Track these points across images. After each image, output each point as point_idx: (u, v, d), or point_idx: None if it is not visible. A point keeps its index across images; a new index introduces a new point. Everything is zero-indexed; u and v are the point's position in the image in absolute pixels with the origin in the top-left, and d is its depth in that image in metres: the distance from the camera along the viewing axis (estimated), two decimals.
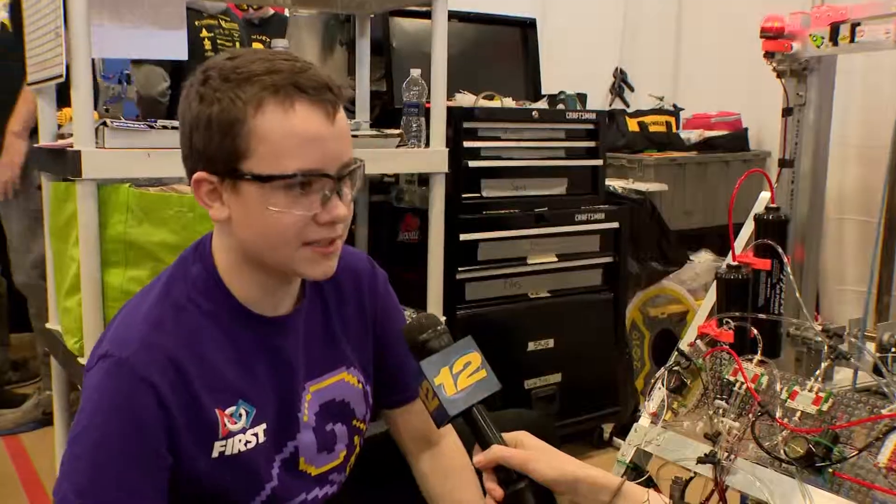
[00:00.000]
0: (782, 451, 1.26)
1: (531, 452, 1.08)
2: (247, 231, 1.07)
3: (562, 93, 3.53)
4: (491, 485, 1.08)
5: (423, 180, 2.54)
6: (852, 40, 1.55)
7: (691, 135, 3.65)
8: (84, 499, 1.01)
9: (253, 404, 1.12)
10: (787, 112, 1.73)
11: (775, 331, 1.56)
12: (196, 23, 3.35)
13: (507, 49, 3.32)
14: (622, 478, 1.08)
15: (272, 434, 1.15)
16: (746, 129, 3.72)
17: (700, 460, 1.37)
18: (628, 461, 1.51)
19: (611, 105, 4.24)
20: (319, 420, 1.22)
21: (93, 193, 1.82)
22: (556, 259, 2.74)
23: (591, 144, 2.84)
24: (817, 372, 1.39)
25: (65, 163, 1.84)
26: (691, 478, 1.44)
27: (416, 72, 2.36)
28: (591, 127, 2.83)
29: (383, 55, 2.88)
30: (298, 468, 1.19)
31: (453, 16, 2.49)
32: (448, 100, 2.40)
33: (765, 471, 1.30)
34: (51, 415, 2.98)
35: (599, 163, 2.85)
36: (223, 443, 1.09)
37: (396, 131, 2.29)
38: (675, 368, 1.49)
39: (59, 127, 2.27)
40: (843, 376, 1.63)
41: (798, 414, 1.32)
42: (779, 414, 1.32)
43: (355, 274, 1.29)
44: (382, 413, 1.39)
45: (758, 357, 1.43)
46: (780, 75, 1.72)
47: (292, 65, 1.04)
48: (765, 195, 1.71)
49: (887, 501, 1.16)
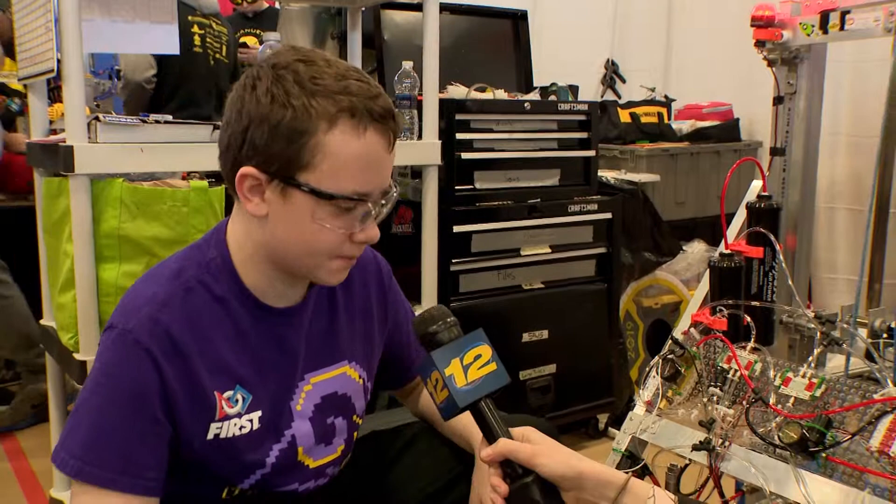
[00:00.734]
0: (776, 437, 1.28)
1: (538, 447, 1.08)
2: (282, 233, 1.09)
3: (553, 84, 3.54)
4: (496, 480, 1.08)
5: (416, 173, 2.54)
6: (842, 28, 1.56)
7: (683, 125, 3.66)
8: (82, 461, 1.04)
9: (250, 391, 1.14)
10: (777, 101, 1.74)
11: (768, 318, 1.57)
12: (189, 17, 3.35)
13: (498, 41, 3.32)
14: (628, 473, 1.08)
15: (267, 423, 1.16)
16: (738, 120, 3.73)
17: (695, 447, 1.38)
18: (623, 449, 1.52)
19: (602, 97, 4.25)
20: (319, 412, 1.22)
21: (86, 188, 1.82)
22: (549, 250, 2.75)
23: (584, 135, 2.84)
24: (810, 358, 1.40)
25: (57, 158, 1.84)
26: (686, 465, 1.46)
27: (407, 64, 2.36)
28: (583, 118, 2.84)
29: (375, 48, 2.88)
30: (297, 458, 1.20)
31: (444, 8, 2.49)
32: (440, 92, 2.41)
33: (759, 457, 1.31)
34: (39, 407, 3.00)
35: (592, 154, 2.86)
36: (219, 425, 1.11)
37: None
38: (670, 357, 1.50)
39: (51, 123, 2.27)
40: (835, 363, 1.64)
41: (791, 400, 1.33)
42: (772, 400, 1.34)
43: (362, 268, 1.31)
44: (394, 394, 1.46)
45: (751, 344, 1.44)
46: (770, 64, 1.72)
47: (367, 88, 1.06)
48: (756, 184, 1.72)
49: (879, 484, 1.17)
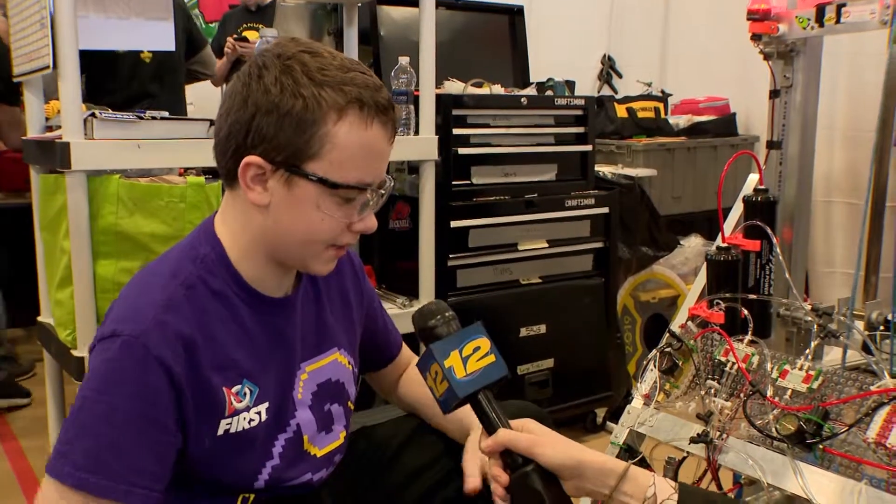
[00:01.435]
0: (774, 429, 1.28)
1: (538, 437, 1.08)
2: (284, 222, 1.10)
3: (550, 80, 3.54)
4: (496, 470, 1.09)
5: (413, 168, 2.54)
6: (838, 21, 1.56)
7: (680, 120, 3.66)
8: (87, 473, 1.00)
9: (256, 384, 1.14)
10: (774, 94, 1.74)
11: (765, 311, 1.57)
12: None
13: (494, 36, 3.32)
14: (628, 462, 1.09)
15: (273, 413, 1.16)
16: (734, 114, 3.74)
17: (693, 440, 1.38)
18: (621, 443, 1.53)
19: (599, 92, 4.26)
20: (317, 400, 1.23)
21: (82, 185, 1.82)
22: (546, 245, 2.75)
23: (580, 130, 2.84)
24: (807, 351, 1.40)
25: (54, 154, 1.84)
26: (684, 458, 1.46)
27: (404, 59, 2.36)
28: (579, 113, 2.84)
29: (371, 44, 2.88)
30: (303, 447, 1.21)
31: (441, 3, 2.48)
32: (437, 88, 2.41)
33: (757, 449, 1.31)
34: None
35: (589, 148, 2.86)
36: (229, 421, 1.11)
37: None
38: (667, 350, 1.50)
39: (47, 120, 2.27)
40: (832, 356, 1.65)
41: (789, 392, 1.33)
42: (770, 393, 1.34)
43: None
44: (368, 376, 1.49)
45: (748, 337, 1.44)
46: (766, 57, 1.73)
47: (373, 81, 1.09)
48: (753, 177, 1.73)
49: (876, 475, 1.17)
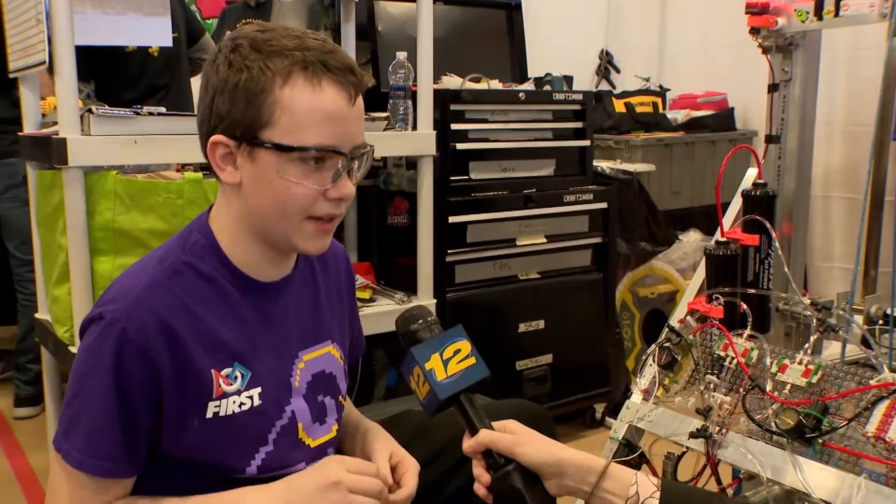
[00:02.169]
0: (773, 424, 1.28)
1: (518, 437, 1.10)
2: (256, 197, 1.10)
3: (548, 75, 3.53)
4: (479, 470, 1.10)
5: (411, 163, 2.53)
6: (837, 14, 1.56)
7: (678, 115, 3.65)
8: (60, 449, 1.07)
9: (248, 367, 1.14)
10: (772, 88, 1.74)
11: (764, 305, 1.57)
12: None
13: (492, 31, 3.31)
14: (608, 459, 1.09)
15: (268, 399, 1.16)
16: (733, 109, 3.73)
17: (692, 435, 1.38)
18: (621, 438, 1.52)
19: (597, 87, 4.24)
20: (311, 390, 1.23)
21: (79, 181, 1.81)
22: (544, 240, 2.74)
23: (579, 125, 2.84)
24: (806, 345, 1.40)
25: (50, 151, 1.83)
26: (683, 452, 1.46)
27: (401, 55, 2.35)
28: (577, 108, 2.83)
29: (369, 39, 2.87)
30: (297, 435, 1.21)
31: None
32: (434, 83, 2.40)
33: (756, 443, 1.31)
34: None
35: (587, 143, 2.85)
36: (217, 403, 1.11)
37: (383, 115, 2.29)
38: (666, 345, 1.50)
39: (43, 116, 2.26)
40: (831, 350, 1.65)
41: (788, 387, 1.33)
42: (769, 387, 1.34)
43: (334, 255, 1.35)
44: None
45: (747, 332, 1.44)
46: (765, 51, 1.72)
47: (322, 44, 1.09)
48: (752, 171, 1.72)
49: (876, 469, 1.17)
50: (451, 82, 2.70)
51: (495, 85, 2.77)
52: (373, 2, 2.88)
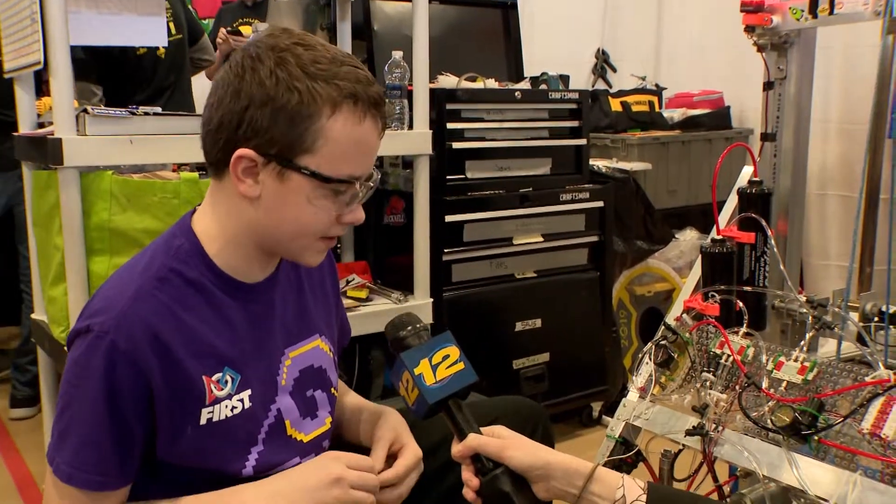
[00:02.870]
0: (769, 421, 1.28)
1: (506, 441, 1.10)
2: (274, 215, 1.10)
3: (544, 74, 3.54)
4: (467, 475, 1.11)
5: (408, 163, 2.53)
6: (831, 12, 1.56)
7: (674, 114, 3.67)
8: (70, 468, 1.06)
9: (238, 371, 1.14)
10: (768, 86, 1.74)
11: (760, 303, 1.57)
12: None
13: (488, 31, 3.31)
14: (597, 462, 1.09)
15: (257, 399, 1.16)
16: (728, 108, 3.74)
17: (688, 433, 1.38)
18: (617, 436, 1.53)
19: (593, 86, 4.25)
20: (299, 386, 1.23)
21: (75, 181, 1.81)
22: (541, 239, 2.74)
23: (575, 124, 2.84)
24: (802, 342, 1.40)
25: (46, 151, 1.83)
26: (680, 450, 1.46)
27: (397, 54, 2.35)
28: (573, 107, 2.84)
29: (364, 39, 2.87)
30: (286, 433, 1.21)
31: None
32: (430, 82, 2.40)
33: (752, 441, 1.31)
34: None
35: (583, 142, 2.85)
36: (210, 409, 1.11)
37: None
38: (662, 342, 1.50)
39: (39, 116, 2.25)
40: (827, 347, 1.65)
41: (784, 384, 1.33)
42: (765, 384, 1.34)
43: None
44: None
45: (743, 329, 1.45)
46: (760, 49, 1.72)
47: (365, 75, 1.09)
48: (748, 169, 1.72)
49: (871, 466, 1.17)
50: (448, 81, 2.70)
51: (491, 84, 2.77)
52: (368, 1, 2.88)
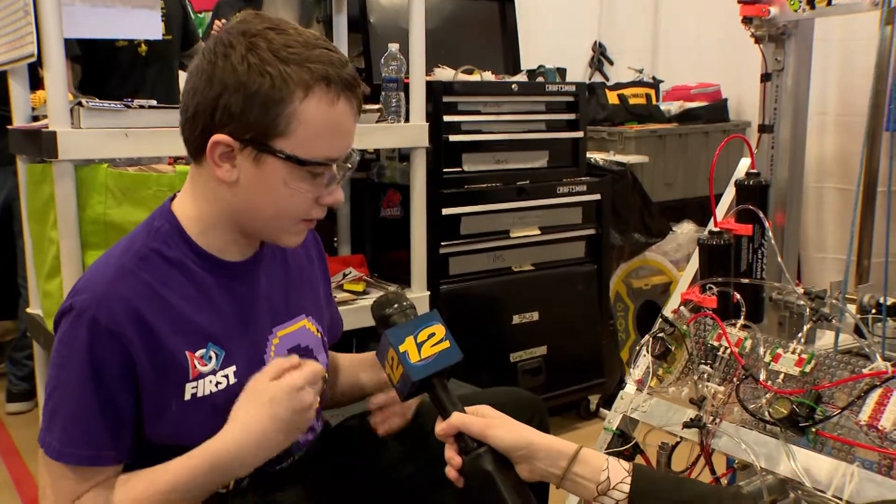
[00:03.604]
0: (766, 413, 1.28)
1: (490, 420, 1.10)
2: (253, 199, 1.11)
3: (541, 67, 3.53)
4: (450, 453, 1.10)
5: (404, 156, 2.53)
6: (829, 3, 1.55)
7: (671, 106, 3.66)
8: (61, 445, 1.07)
9: (222, 347, 1.15)
10: (765, 78, 1.73)
11: (758, 295, 1.57)
12: None
13: (485, 23, 3.30)
14: (580, 444, 1.09)
15: (243, 376, 1.16)
16: (726, 100, 3.73)
17: (686, 425, 1.38)
18: (615, 428, 1.52)
19: (590, 79, 4.24)
20: None
21: (70, 174, 1.80)
22: (538, 232, 2.74)
23: (572, 117, 2.84)
24: (800, 334, 1.40)
25: (40, 144, 1.82)
26: (677, 443, 1.46)
27: (394, 46, 2.34)
28: (570, 99, 2.83)
29: (360, 31, 2.86)
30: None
31: None
32: (427, 75, 2.39)
33: (749, 433, 1.31)
34: None
35: (580, 135, 2.85)
36: (194, 384, 1.12)
37: (376, 107, 2.28)
38: (660, 335, 1.50)
39: (33, 109, 2.24)
40: (825, 340, 1.65)
41: (781, 376, 1.33)
42: (762, 377, 1.34)
43: None
44: None
45: (741, 321, 1.44)
46: (758, 41, 1.71)
47: (338, 57, 1.09)
48: (745, 161, 1.72)
49: (868, 458, 1.17)
50: (444, 74, 2.69)
51: (488, 77, 2.77)
52: None
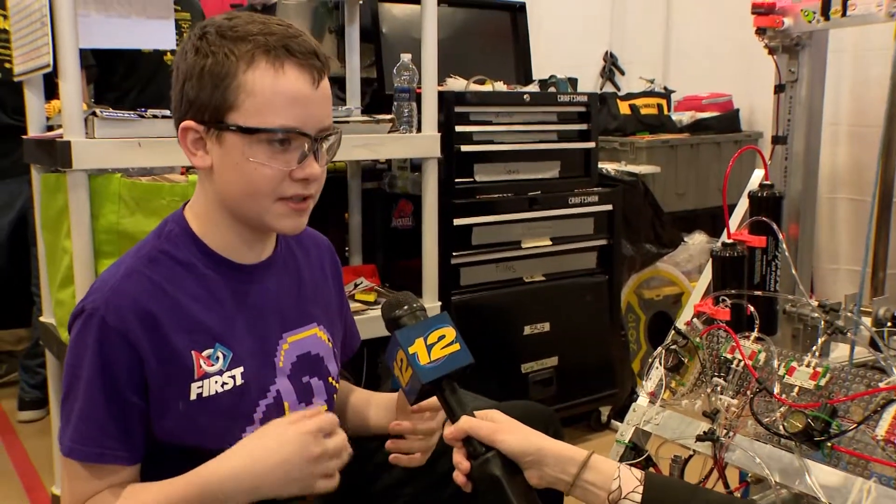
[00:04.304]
0: (781, 427, 1.27)
1: (499, 424, 1.09)
2: (227, 180, 1.13)
3: (552, 77, 3.53)
4: (458, 457, 1.10)
5: (416, 166, 2.53)
6: (844, 14, 1.55)
7: (683, 117, 3.65)
8: (73, 443, 1.09)
9: (230, 348, 1.16)
10: (779, 89, 1.73)
11: (772, 307, 1.56)
12: None
13: (496, 33, 3.30)
14: (591, 451, 1.08)
15: (251, 378, 1.17)
16: (738, 111, 3.72)
17: (699, 438, 1.37)
18: (627, 441, 1.51)
19: (602, 89, 4.24)
20: (295, 371, 1.24)
21: (84, 184, 1.81)
22: (550, 242, 2.73)
23: (584, 127, 2.83)
24: (814, 347, 1.39)
25: (55, 153, 1.83)
26: (690, 456, 1.45)
27: (406, 57, 2.35)
28: (582, 109, 2.82)
29: (373, 42, 2.87)
30: (284, 415, 1.21)
31: (442, 0, 2.47)
32: (439, 85, 2.39)
33: (763, 447, 1.30)
34: None
35: (592, 145, 2.84)
36: (199, 384, 1.13)
37: (388, 117, 2.28)
38: (673, 347, 1.49)
39: (48, 119, 2.26)
40: (839, 353, 1.64)
41: (796, 389, 1.32)
42: (777, 390, 1.33)
43: (315, 243, 1.39)
44: None
45: (755, 334, 1.43)
46: (771, 52, 1.71)
47: (285, 30, 1.12)
48: (759, 173, 1.71)
49: (885, 473, 1.16)
50: (456, 84, 2.69)
51: (500, 87, 2.76)
52: (377, 4, 2.88)
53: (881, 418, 1.19)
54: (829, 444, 1.22)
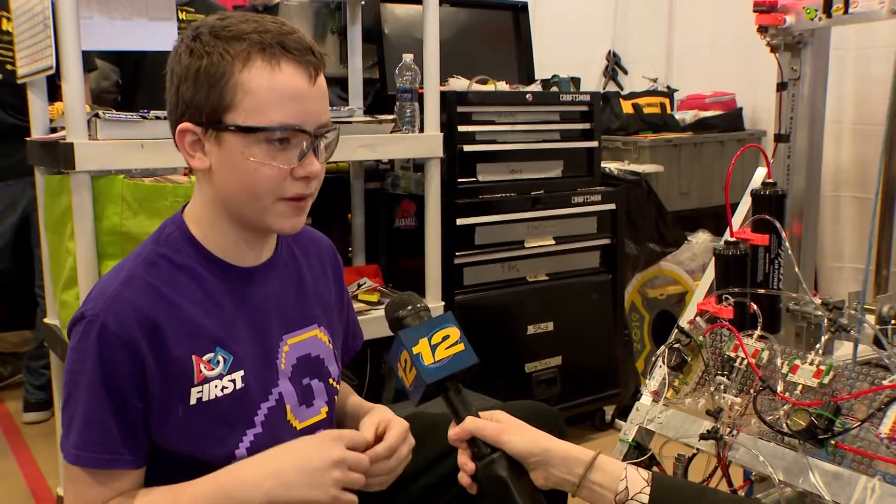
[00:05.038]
0: (784, 425, 1.27)
1: (505, 425, 1.08)
2: (226, 181, 1.12)
3: (555, 76, 3.53)
4: (463, 458, 1.10)
5: (419, 166, 2.53)
6: (846, 11, 1.54)
7: (686, 115, 3.64)
8: (77, 449, 1.08)
9: (230, 351, 1.15)
10: (781, 87, 1.72)
11: (775, 306, 1.56)
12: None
13: (499, 33, 3.30)
14: (597, 451, 1.08)
15: (251, 381, 1.17)
16: (741, 109, 3.71)
17: (702, 437, 1.37)
18: (631, 440, 1.51)
19: (604, 88, 4.23)
20: (296, 373, 1.24)
21: (87, 185, 1.81)
22: (553, 242, 2.73)
23: (586, 126, 2.83)
24: (818, 345, 1.39)
25: (58, 155, 1.83)
26: (694, 454, 1.45)
27: (408, 56, 2.35)
28: (585, 109, 2.83)
29: (375, 42, 2.87)
30: (285, 417, 1.21)
31: (444, 0, 2.47)
32: (441, 85, 2.39)
33: (767, 445, 1.30)
34: None
35: (595, 145, 2.84)
36: (199, 388, 1.12)
37: (390, 117, 2.29)
38: (676, 346, 1.49)
39: (51, 121, 2.26)
40: (843, 351, 1.63)
41: (799, 387, 1.32)
42: (780, 388, 1.32)
43: (316, 244, 1.38)
44: None
45: (758, 332, 1.43)
46: (773, 50, 1.71)
47: (280, 27, 1.11)
48: (761, 171, 1.71)
49: (889, 471, 1.16)
50: (458, 84, 2.69)
51: (502, 87, 2.77)
52: (379, 4, 2.88)
53: (885, 416, 1.19)
54: (832, 441, 1.22)
